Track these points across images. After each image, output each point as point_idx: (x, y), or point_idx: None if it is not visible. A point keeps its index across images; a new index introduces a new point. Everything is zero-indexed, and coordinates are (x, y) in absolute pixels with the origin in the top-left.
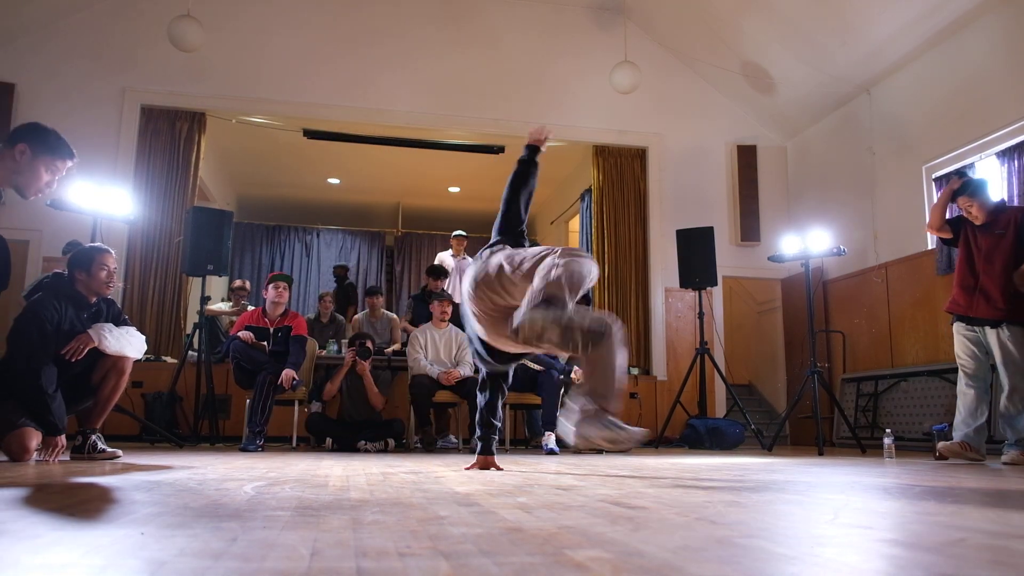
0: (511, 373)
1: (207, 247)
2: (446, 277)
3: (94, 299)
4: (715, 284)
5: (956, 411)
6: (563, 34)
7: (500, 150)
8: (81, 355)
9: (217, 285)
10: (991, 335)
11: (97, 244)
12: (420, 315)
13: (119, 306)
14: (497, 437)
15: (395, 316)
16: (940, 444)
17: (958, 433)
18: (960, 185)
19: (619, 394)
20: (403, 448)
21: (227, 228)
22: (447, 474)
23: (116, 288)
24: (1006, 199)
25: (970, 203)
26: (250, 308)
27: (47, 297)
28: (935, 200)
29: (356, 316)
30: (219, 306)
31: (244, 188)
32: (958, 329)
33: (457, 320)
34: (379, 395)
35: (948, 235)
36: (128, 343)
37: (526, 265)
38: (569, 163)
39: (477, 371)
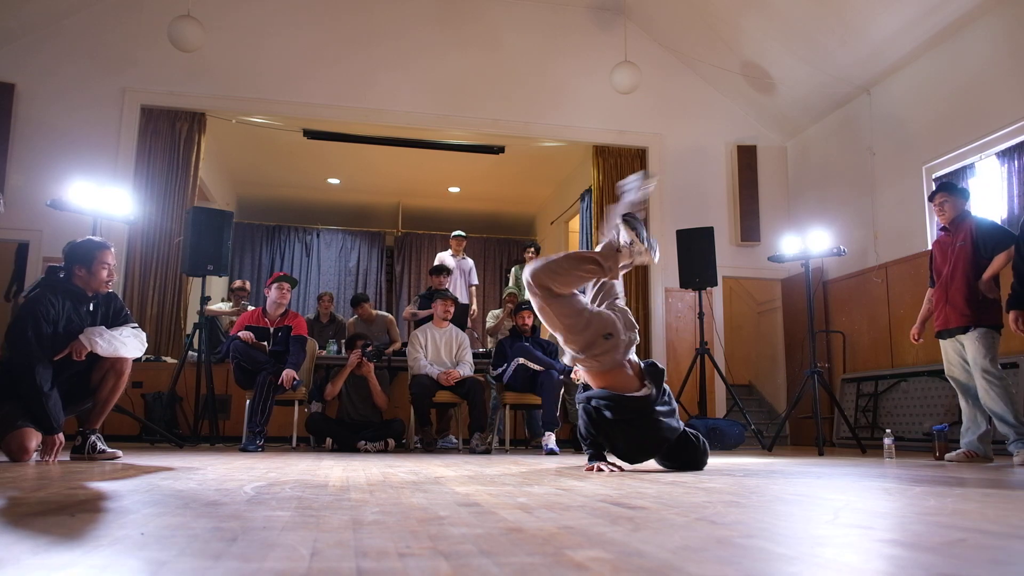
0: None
1: (207, 247)
2: (448, 274)
3: (92, 293)
4: (715, 284)
5: (962, 422)
6: (563, 34)
7: (500, 150)
8: (81, 358)
9: (217, 285)
10: (964, 340)
11: (96, 239)
12: (426, 309)
13: (121, 300)
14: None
15: (390, 316)
16: (947, 455)
17: (963, 441)
18: (940, 184)
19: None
20: (403, 448)
21: (227, 228)
22: (447, 474)
23: (114, 283)
24: (969, 210)
25: (944, 199)
26: (250, 308)
27: (44, 294)
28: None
29: (351, 319)
30: (219, 306)
31: (244, 188)
32: (943, 345)
33: (458, 320)
34: (383, 395)
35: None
36: (122, 344)
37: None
38: (569, 163)
39: (476, 371)
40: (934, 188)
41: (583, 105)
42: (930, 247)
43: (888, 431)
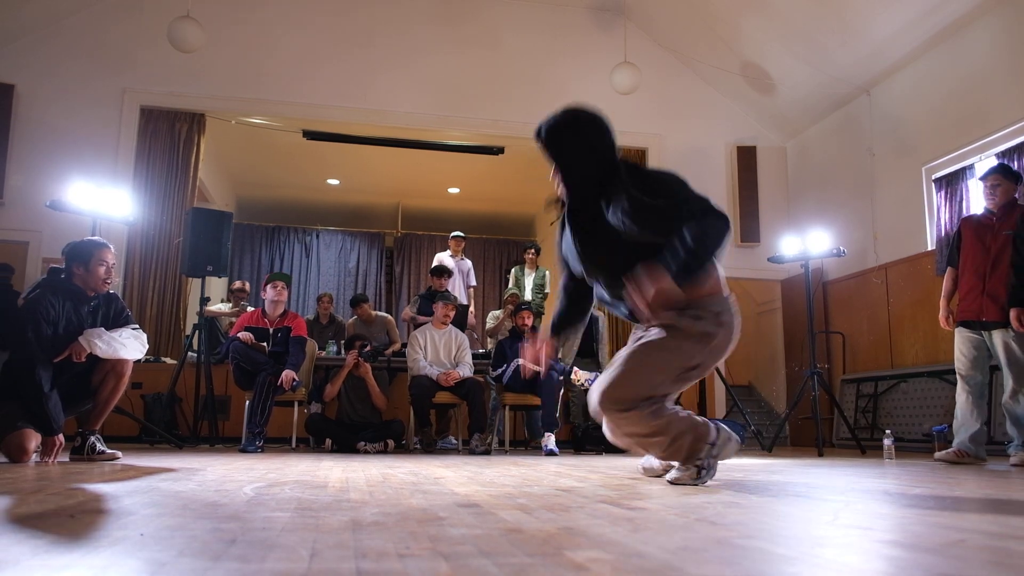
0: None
1: (206, 248)
2: (449, 276)
3: (92, 293)
4: None
5: (955, 417)
6: (563, 34)
7: (500, 151)
8: (80, 359)
9: (216, 286)
10: (996, 336)
11: (95, 238)
12: (425, 311)
13: (122, 301)
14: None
15: (389, 316)
16: (937, 454)
17: (955, 440)
18: (997, 165)
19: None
20: (403, 449)
21: (226, 229)
22: (447, 475)
23: (114, 283)
24: (1018, 198)
25: (999, 182)
26: (249, 309)
27: (44, 295)
28: (934, 201)
29: (350, 320)
30: (218, 307)
31: (244, 189)
32: (961, 333)
33: (458, 321)
34: (382, 395)
35: (955, 271)
36: (122, 345)
37: None
38: None
39: (476, 372)
40: (991, 167)
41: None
42: (931, 246)
43: (888, 432)
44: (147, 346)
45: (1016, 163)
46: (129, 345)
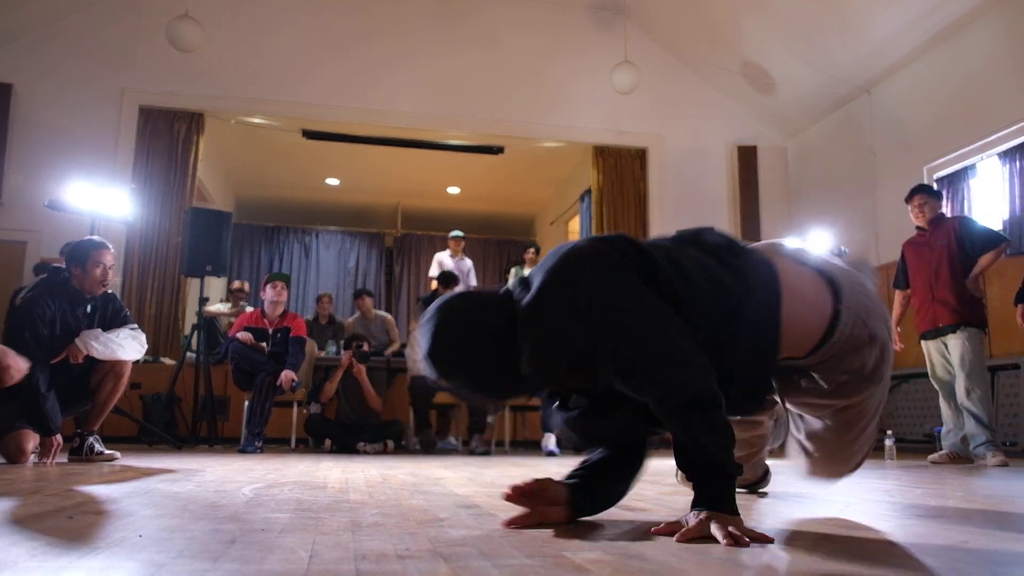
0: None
1: (206, 248)
2: (457, 283)
3: (89, 295)
4: None
5: (943, 422)
6: (563, 34)
7: (500, 151)
8: (78, 361)
9: (215, 286)
10: (951, 340)
11: (94, 238)
12: None
13: (120, 301)
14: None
15: (389, 316)
16: (930, 456)
17: (945, 443)
18: (917, 186)
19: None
20: (402, 450)
21: (226, 229)
22: (446, 476)
23: (112, 284)
24: (943, 212)
25: (924, 201)
26: (249, 309)
27: (41, 295)
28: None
29: (350, 319)
30: (218, 307)
31: (243, 189)
32: (927, 347)
33: None
34: (376, 397)
35: (906, 290)
36: (119, 346)
37: None
38: (569, 163)
39: None
40: (913, 188)
41: (583, 105)
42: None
43: (889, 432)
44: (146, 346)
45: (1018, 163)
46: (127, 346)
